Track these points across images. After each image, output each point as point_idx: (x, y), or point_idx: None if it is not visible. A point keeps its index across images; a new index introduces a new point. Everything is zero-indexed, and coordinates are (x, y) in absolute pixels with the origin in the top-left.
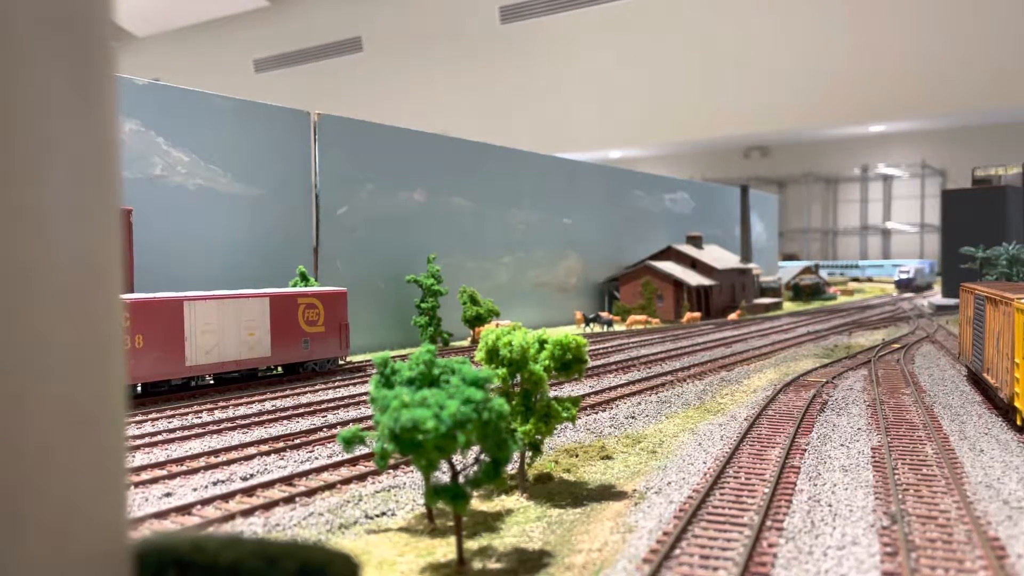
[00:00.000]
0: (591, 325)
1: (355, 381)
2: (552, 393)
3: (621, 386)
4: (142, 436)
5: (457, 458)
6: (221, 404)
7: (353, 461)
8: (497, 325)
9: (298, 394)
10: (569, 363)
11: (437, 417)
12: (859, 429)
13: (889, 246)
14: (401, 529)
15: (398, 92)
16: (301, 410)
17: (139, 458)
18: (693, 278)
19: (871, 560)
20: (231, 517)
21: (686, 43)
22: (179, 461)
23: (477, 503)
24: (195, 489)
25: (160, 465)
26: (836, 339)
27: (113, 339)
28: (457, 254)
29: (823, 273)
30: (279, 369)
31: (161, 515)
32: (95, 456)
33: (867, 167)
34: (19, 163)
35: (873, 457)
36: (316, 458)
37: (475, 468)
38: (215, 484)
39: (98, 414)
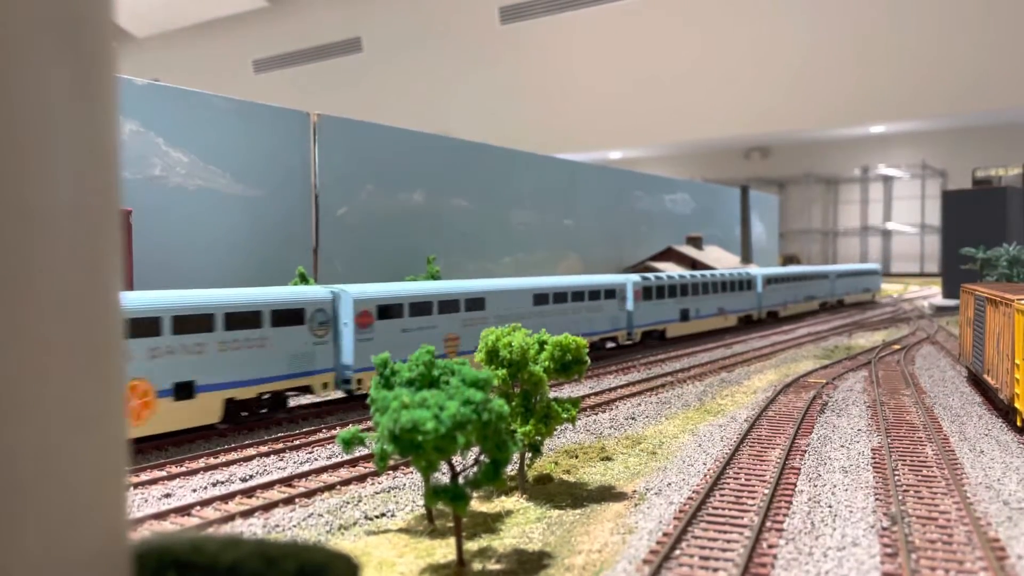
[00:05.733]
0: None
1: None
2: (552, 394)
3: (621, 387)
4: (142, 437)
5: (457, 459)
6: None
7: (353, 462)
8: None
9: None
10: (569, 364)
11: (437, 418)
12: (859, 430)
13: (890, 247)
14: (401, 530)
15: (398, 92)
16: (300, 411)
17: (138, 459)
18: None
19: (871, 561)
20: (231, 518)
21: (686, 44)
22: (178, 462)
23: (477, 504)
24: (194, 490)
25: (159, 466)
26: (836, 340)
27: (113, 339)
28: (457, 255)
29: None
30: None
31: (160, 516)
32: (95, 457)
33: (867, 168)
34: (18, 163)
35: (873, 458)
36: (316, 459)
37: (475, 469)
38: (214, 485)
39: (98, 414)
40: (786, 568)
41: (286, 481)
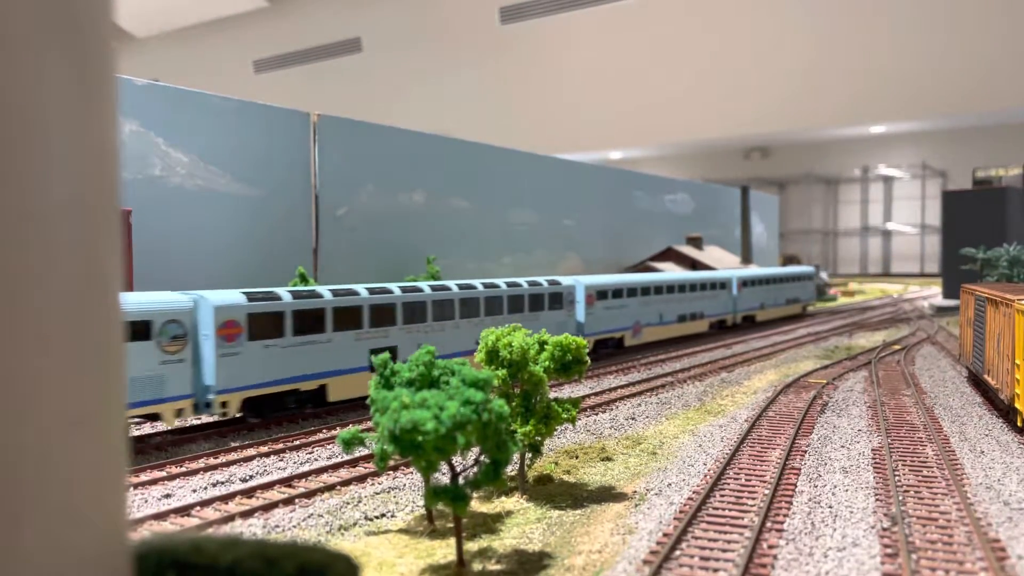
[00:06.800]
0: None
1: None
2: (552, 394)
3: (621, 387)
4: (142, 437)
5: (457, 459)
6: None
7: (353, 463)
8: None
9: None
10: (569, 364)
11: (437, 418)
12: (860, 431)
13: (890, 247)
14: (401, 531)
15: (398, 93)
16: (300, 411)
17: (138, 459)
18: None
19: (871, 561)
20: (230, 518)
21: (686, 44)
22: (178, 462)
23: (477, 504)
24: (194, 490)
25: (159, 466)
26: (836, 340)
27: (113, 339)
28: (457, 255)
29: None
30: None
31: (160, 516)
32: (95, 457)
33: (868, 168)
34: (18, 164)
35: (874, 459)
36: (316, 459)
37: (475, 469)
38: (214, 485)
39: (98, 414)
40: (786, 568)
41: (286, 481)
